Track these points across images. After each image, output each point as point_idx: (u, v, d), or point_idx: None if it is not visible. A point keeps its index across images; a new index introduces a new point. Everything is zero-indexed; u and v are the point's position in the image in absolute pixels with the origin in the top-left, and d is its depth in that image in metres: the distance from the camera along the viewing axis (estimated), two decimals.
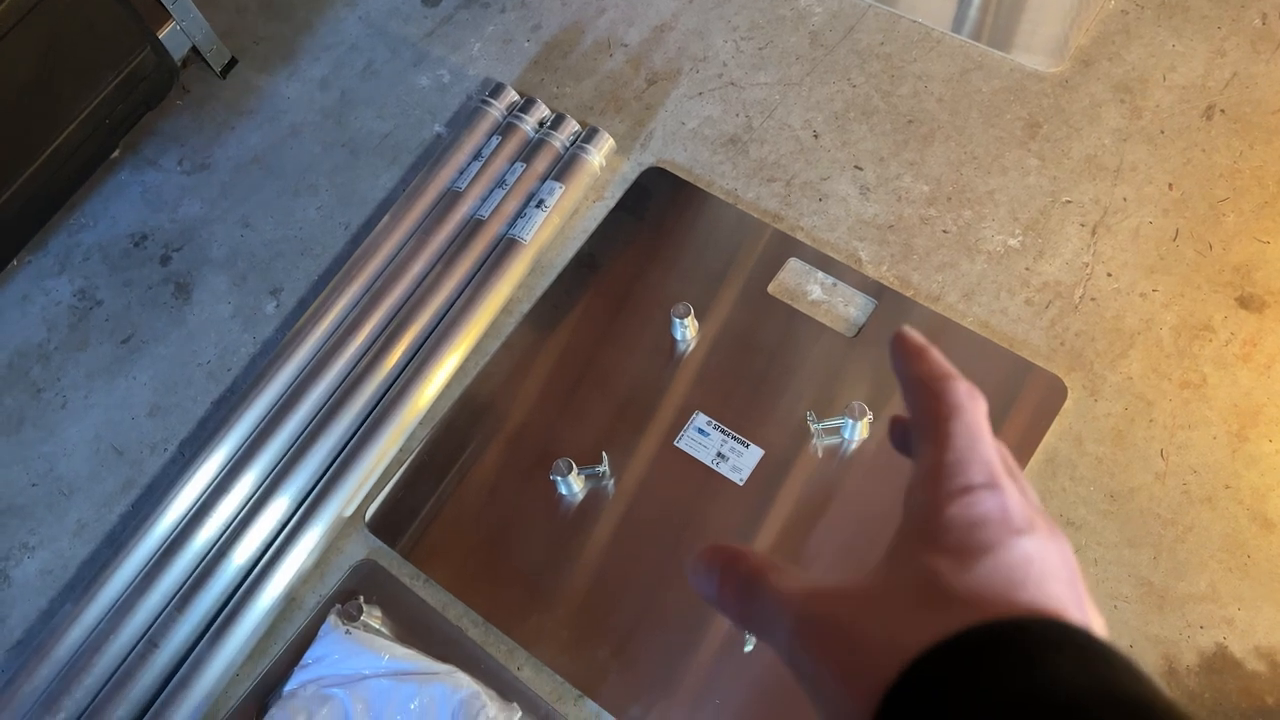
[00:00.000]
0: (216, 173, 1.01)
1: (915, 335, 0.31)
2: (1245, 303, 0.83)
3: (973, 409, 0.30)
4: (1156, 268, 0.85)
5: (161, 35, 0.98)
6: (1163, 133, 0.91)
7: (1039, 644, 0.23)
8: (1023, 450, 0.79)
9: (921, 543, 0.27)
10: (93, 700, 0.76)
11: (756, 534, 0.78)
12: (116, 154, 1.02)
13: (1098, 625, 0.26)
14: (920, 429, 0.30)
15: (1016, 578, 0.25)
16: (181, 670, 0.77)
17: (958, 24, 0.99)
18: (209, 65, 1.05)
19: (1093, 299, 0.84)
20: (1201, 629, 0.72)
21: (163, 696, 0.76)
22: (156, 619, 0.79)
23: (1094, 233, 0.87)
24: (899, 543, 0.28)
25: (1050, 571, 0.26)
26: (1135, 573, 0.74)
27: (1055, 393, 0.81)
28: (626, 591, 0.78)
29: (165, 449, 0.89)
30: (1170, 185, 0.88)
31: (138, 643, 0.78)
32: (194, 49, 1.03)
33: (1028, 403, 0.81)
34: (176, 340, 0.93)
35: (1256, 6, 0.95)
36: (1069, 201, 0.89)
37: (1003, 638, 0.24)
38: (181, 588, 0.80)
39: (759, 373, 0.85)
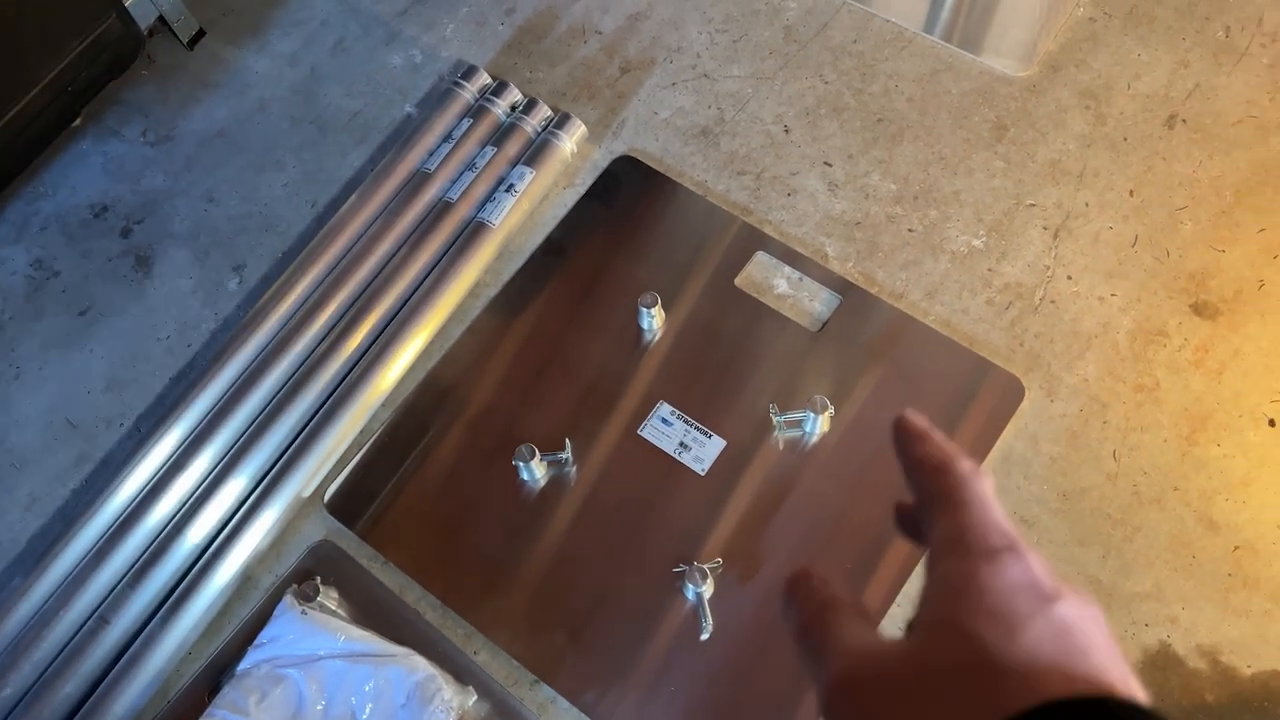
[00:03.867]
0: (181, 145, 1.00)
1: (917, 419, 0.32)
2: (1199, 310, 0.85)
3: (980, 481, 0.30)
4: (1115, 272, 0.87)
5: (128, 3, 0.96)
6: (1125, 140, 0.92)
7: None
8: (980, 448, 0.80)
9: (956, 607, 0.27)
10: (41, 675, 0.75)
11: (717, 524, 0.79)
12: (78, 122, 1.00)
13: (1138, 692, 0.26)
14: (931, 502, 0.30)
15: (1062, 647, 0.25)
16: (133, 647, 0.76)
17: (929, 25, 1.00)
18: (176, 36, 1.03)
19: (1052, 301, 0.86)
20: (1147, 627, 0.74)
21: (113, 673, 0.75)
22: (109, 595, 0.78)
23: (1056, 236, 0.89)
24: (930, 610, 0.28)
25: (1092, 640, 0.26)
26: (1084, 570, 0.76)
27: (1013, 392, 0.82)
28: (585, 578, 0.78)
29: (121, 424, 0.87)
30: (1131, 192, 0.90)
31: (88, 618, 0.77)
32: (161, 18, 1.01)
33: (986, 401, 0.82)
34: (136, 314, 0.92)
35: (1220, 19, 0.97)
36: (1032, 204, 0.90)
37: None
38: (135, 564, 0.79)
39: (723, 364, 0.85)
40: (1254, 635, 0.73)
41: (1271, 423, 0.80)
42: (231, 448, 0.83)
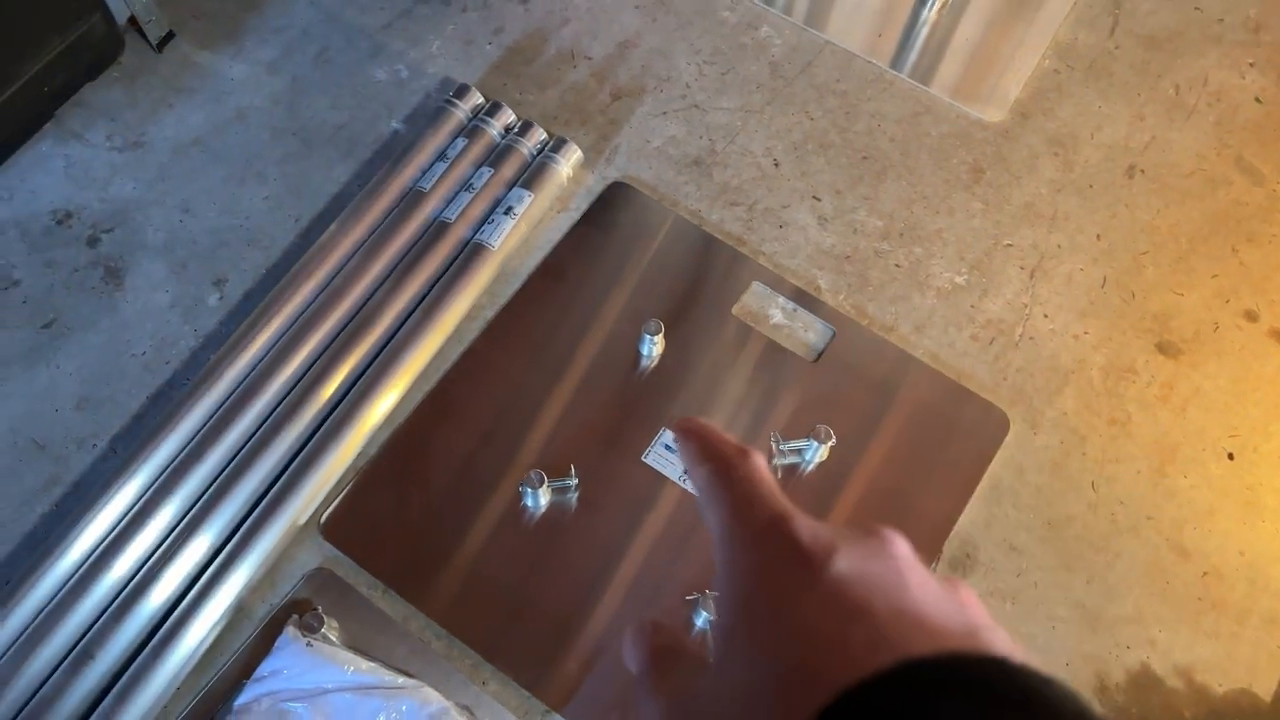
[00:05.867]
0: (153, 152, 0.95)
1: (691, 420, 0.30)
2: (1163, 349, 0.91)
3: (745, 460, 0.28)
4: (1087, 311, 0.92)
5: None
6: (1091, 186, 0.98)
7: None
8: (971, 476, 0.84)
9: (735, 612, 0.24)
10: (18, 713, 0.71)
11: None
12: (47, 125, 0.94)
13: (943, 608, 0.22)
14: (703, 498, 0.28)
15: (837, 617, 0.22)
16: (120, 682, 0.72)
17: (910, 69, 1.04)
18: (145, 37, 0.98)
19: (1031, 338, 0.90)
20: (1128, 648, 0.79)
21: (99, 710, 0.71)
22: (91, 628, 0.74)
23: (1032, 276, 0.93)
24: (718, 623, 0.25)
25: (873, 589, 0.22)
26: (1070, 595, 0.80)
27: (999, 424, 0.86)
28: (594, 606, 0.78)
29: (94, 445, 0.83)
30: (1098, 236, 0.96)
31: (69, 653, 0.73)
32: (132, 18, 0.96)
33: (974, 433, 0.86)
34: (107, 328, 0.87)
35: (1170, 78, 1.05)
36: (1010, 245, 0.95)
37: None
38: (119, 595, 0.75)
39: (723, 392, 0.86)
40: (1223, 655, 0.79)
41: (1230, 456, 0.86)
42: (221, 473, 0.80)
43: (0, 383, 0.85)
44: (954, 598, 0.23)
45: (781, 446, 0.83)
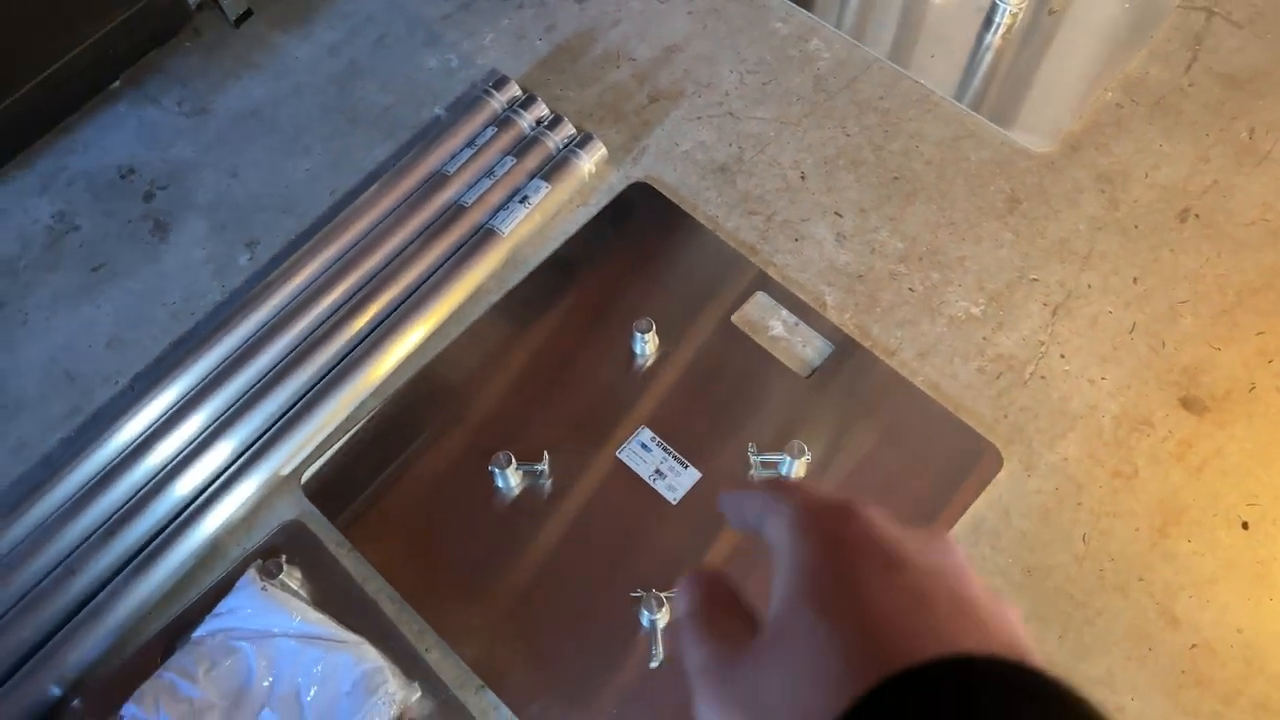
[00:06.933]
0: (214, 119, 1.02)
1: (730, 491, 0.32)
2: (1188, 404, 0.85)
3: (804, 483, 0.30)
4: (1109, 357, 0.87)
5: None
6: (1136, 227, 0.93)
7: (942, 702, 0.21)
8: (951, 513, 0.81)
9: (799, 588, 0.25)
10: (2, 616, 0.77)
11: (682, 554, 0.79)
12: (117, 85, 1.02)
13: (994, 616, 0.25)
14: (770, 509, 0.29)
15: (907, 606, 0.24)
16: (96, 599, 0.77)
17: (960, 93, 1.01)
18: (224, 13, 1.06)
19: (1043, 377, 0.86)
20: None
21: (73, 622, 0.76)
22: (79, 547, 0.80)
23: (1054, 313, 0.89)
24: (779, 599, 0.26)
25: (936, 583, 0.25)
26: (1039, 647, 0.75)
27: (991, 462, 0.82)
28: (545, 592, 0.79)
29: (117, 381, 0.89)
30: (1135, 279, 0.90)
31: (56, 567, 0.79)
32: None
33: (963, 468, 0.82)
34: (147, 277, 0.94)
35: (1246, 120, 0.98)
36: (1035, 279, 0.91)
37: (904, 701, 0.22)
38: (109, 520, 0.80)
39: (709, 398, 0.86)
40: None
41: (1245, 525, 0.80)
42: (219, 417, 0.84)
43: (49, 316, 0.92)
44: (1003, 612, 0.26)
45: (756, 458, 0.82)
